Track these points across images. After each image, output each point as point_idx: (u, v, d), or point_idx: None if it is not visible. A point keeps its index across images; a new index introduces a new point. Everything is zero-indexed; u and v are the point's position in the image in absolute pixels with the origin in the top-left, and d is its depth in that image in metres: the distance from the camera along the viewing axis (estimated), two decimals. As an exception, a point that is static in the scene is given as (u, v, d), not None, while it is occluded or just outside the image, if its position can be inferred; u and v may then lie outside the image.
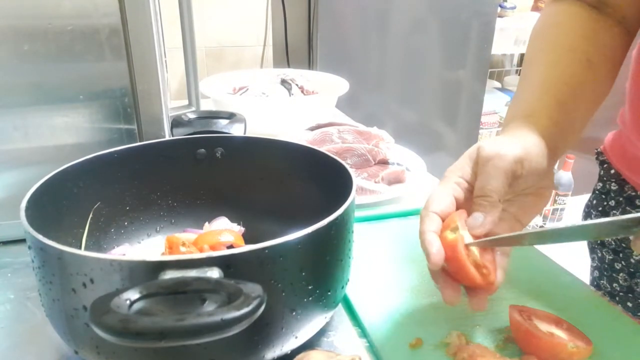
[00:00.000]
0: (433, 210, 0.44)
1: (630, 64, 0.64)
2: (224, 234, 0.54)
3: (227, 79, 1.17)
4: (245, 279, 0.31)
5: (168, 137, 0.62)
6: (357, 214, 0.56)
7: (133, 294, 0.30)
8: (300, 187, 0.57)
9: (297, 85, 1.15)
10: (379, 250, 0.60)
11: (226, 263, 0.33)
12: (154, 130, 0.62)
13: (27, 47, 0.54)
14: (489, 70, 2.11)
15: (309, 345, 0.42)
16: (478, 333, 0.46)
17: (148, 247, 0.57)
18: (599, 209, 0.74)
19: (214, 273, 0.32)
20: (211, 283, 0.31)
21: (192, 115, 0.63)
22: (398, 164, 0.82)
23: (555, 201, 2.48)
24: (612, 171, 0.72)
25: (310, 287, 0.39)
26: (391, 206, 0.71)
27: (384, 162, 0.82)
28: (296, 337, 0.40)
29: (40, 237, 0.35)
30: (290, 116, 1.01)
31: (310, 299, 0.40)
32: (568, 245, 0.45)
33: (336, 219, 0.40)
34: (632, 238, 0.38)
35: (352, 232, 0.45)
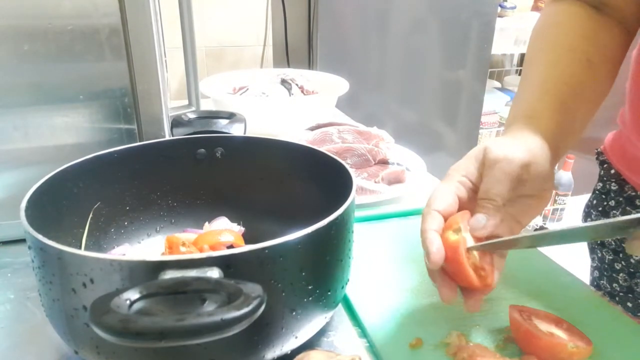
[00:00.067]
0: (435, 208, 0.44)
1: (630, 64, 0.64)
2: (224, 234, 0.54)
3: (227, 79, 1.17)
4: (245, 279, 0.31)
5: (168, 137, 0.62)
6: (357, 214, 0.56)
7: (133, 294, 0.30)
8: (300, 187, 0.57)
9: (297, 85, 1.15)
10: (379, 250, 0.60)
11: (226, 263, 0.33)
12: (154, 130, 0.62)
13: (27, 47, 0.54)
14: (489, 70, 2.11)
15: (309, 345, 0.42)
16: (478, 333, 0.46)
17: (148, 247, 0.57)
18: (599, 209, 0.74)
19: (214, 273, 0.32)
20: (211, 283, 0.31)
21: (192, 115, 0.63)
22: (398, 164, 0.82)
23: (555, 201, 2.48)
24: (612, 171, 0.72)
25: (310, 287, 0.39)
26: (391, 206, 0.71)
27: (384, 162, 0.82)
28: (296, 337, 0.40)
29: (40, 237, 0.35)
30: (290, 116, 1.01)
31: (310, 299, 0.40)
32: (568, 245, 0.45)
33: (336, 219, 0.40)
34: (628, 240, 0.38)
35: (352, 232, 0.45)
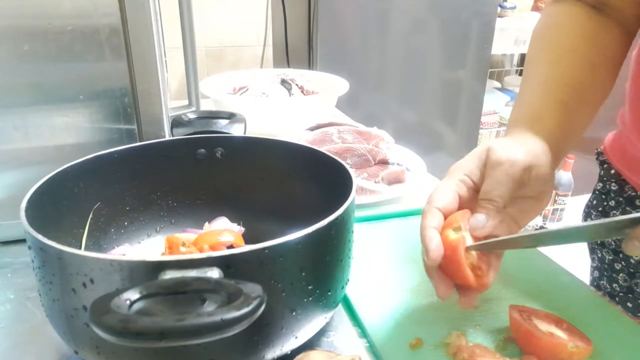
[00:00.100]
0: (436, 205, 0.44)
1: (630, 64, 0.64)
2: (224, 234, 0.54)
3: (227, 79, 1.17)
4: (245, 279, 0.31)
5: (168, 137, 0.62)
6: (357, 214, 0.56)
7: (133, 294, 0.30)
8: (300, 187, 0.57)
9: (297, 85, 1.14)
10: (379, 250, 0.60)
11: (226, 263, 0.33)
12: (154, 130, 0.62)
13: (27, 47, 0.54)
14: (489, 70, 2.11)
15: (309, 345, 0.42)
16: (478, 333, 0.46)
17: (148, 247, 0.57)
18: (599, 209, 0.74)
19: (214, 273, 0.32)
20: (211, 283, 0.31)
21: (192, 115, 0.63)
22: (398, 164, 0.82)
23: (555, 201, 2.48)
24: (612, 171, 0.72)
25: (310, 287, 0.39)
26: (391, 206, 0.71)
27: (384, 162, 0.82)
28: (296, 337, 0.40)
29: (40, 237, 0.35)
30: (290, 116, 1.01)
31: (310, 299, 0.40)
32: (568, 245, 0.46)
33: (336, 219, 0.40)
34: (624, 239, 0.38)
35: (352, 232, 0.45)
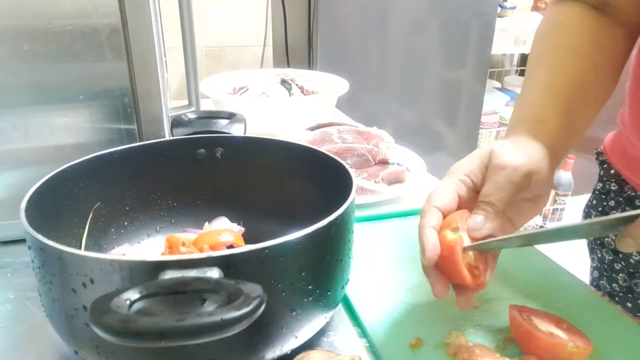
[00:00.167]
0: (435, 205, 0.44)
1: (630, 64, 0.64)
2: (224, 234, 0.54)
3: (227, 79, 1.17)
4: (245, 279, 0.31)
5: (168, 137, 0.62)
6: (357, 214, 0.56)
7: (133, 294, 0.30)
8: (300, 187, 0.57)
9: (297, 85, 1.14)
10: (379, 250, 0.60)
11: (226, 263, 0.33)
12: (154, 130, 0.62)
13: (27, 47, 0.54)
14: (489, 70, 2.11)
15: (309, 345, 0.42)
16: (478, 333, 0.46)
17: (148, 247, 0.57)
18: (599, 209, 0.74)
19: (214, 273, 0.32)
20: (211, 283, 0.31)
21: (192, 115, 0.63)
22: (398, 164, 0.82)
23: (555, 201, 2.48)
24: (612, 171, 0.72)
25: (310, 287, 0.39)
26: (391, 206, 0.71)
27: (384, 162, 0.82)
28: (296, 337, 0.40)
29: (40, 237, 0.35)
30: (290, 116, 1.01)
31: (310, 299, 0.40)
32: (568, 245, 0.46)
33: (336, 219, 0.40)
34: (617, 237, 0.39)
35: (352, 232, 0.45)
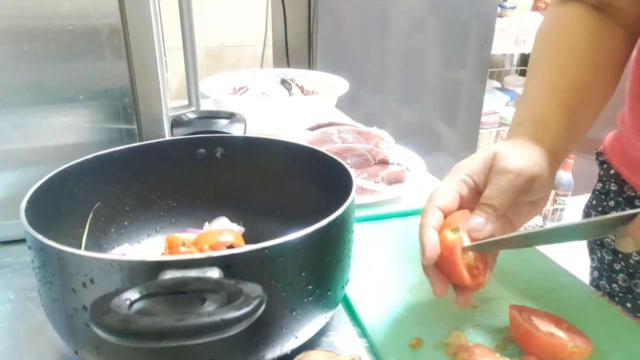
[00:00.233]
0: (436, 204, 0.44)
1: (630, 64, 0.64)
2: (224, 234, 0.54)
3: (227, 79, 1.17)
4: (245, 279, 0.31)
5: (168, 137, 0.62)
6: (357, 214, 0.56)
7: (133, 294, 0.30)
8: (300, 187, 0.57)
9: (297, 85, 1.14)
10: (379, 250, 0.60)
11: (226, 263, 0.33)
12: (154, 130, 0.62)
13: (27, 47, 0.54)
14: (489, 70, 2.11)
15: (309, 345, 0.42)
16: (478, 333, 0.46)
17: (148, 247, 0.57)
18: (599, 209, 0.74)
19: (214, 273, 0.32)
20: (211, 283, 0.31)
21: (192, 115, 0.63)
22: (398, 164, 0.82)
23: (555, 201, 2.48)
24: (612, 171, 0.72)
25: (310, 287, 0.39)
26: (391, 206, 0.71)
27: (384, 162, 0.82)
28: (296, 337, 0.40)
29: (40, 237, 0.35)
30: (290, 116, 1.01)
31: (310, 299, 0.40)
32: (568, 245, 0.46)
33: (336, 219, 0.40)
34: (617, 236, 0.39)
35: (352, 232, 0.45)
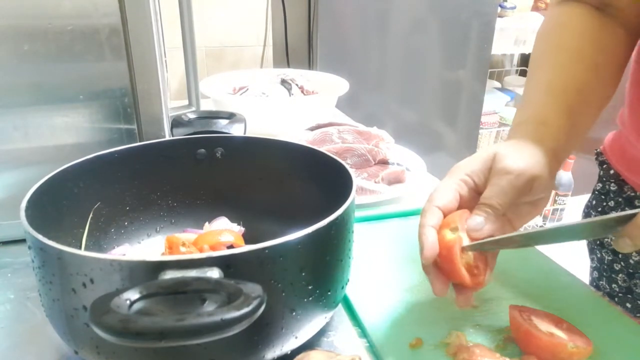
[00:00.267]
0: (436, 204, 0.44)
1: (630, 65, 0.64)
2: (224, 234, 0.54)
3: (227, 79, 1.17)
4: (245, 279, 0.31)
5: (168, 137, 0.62)
6: (357, 214, 0.56)
7: (133, 294, 0.30)
8: (300, 187, 0.57)
9: (297, 85, 1.14)
10: (379, 250, 0.60)
11: (226, 263, 0.33)
12: (154, 130, 0.62)
13: (27, 47, 0.54)
14: (489, 70, 2.11)
15: (309, 345, 0.42)
16: (478, 333, 0.46)
17: (148, 247, 0.57)
18: (599, 209, 0.74)
19: (214, 273, 0.32)
20: (211, 283, 0.31)
21: (192, 115, 0.63)
22: (398, 164, 0.82)
23: (555, 201, 2.48)
24: (612, 171, 0.72)
25: (310, 287, 0.39)
26: (391, 206, 0.71)
27: (384, 162, 0.82)
28: (296, 337, 0.40)
29: (40, 237, 0.35)
30: (290, 116, 1.01)
31: (310, 299, 0.40)
32: (568, 245, 0.46)
33: (336, 219, 0.40)
34: (615, 236, 0.39)
35: (352, 232, 0.45)
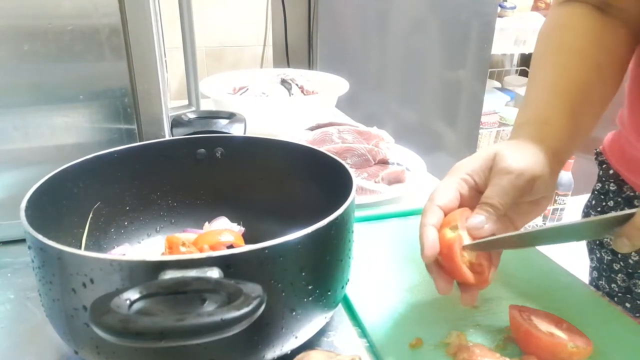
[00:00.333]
0: (437, 203, 0.44)
1: (630, 65, 0.64)
2: (224, 234, 0.54)
3: (227, 79, 1.17)
4: (245, 279, 0.31)
5: (168, 137, 0.62)
6: (357, 214, 0.56)
7: (133, 294, 0.30)
8: (300, 187, 0.57)
9: (297, 85, 1.14)
10: (379, 250, 0.60)
11: (226, 263, 0.33)
12: (154, 130, 0.62)
13: (27, 47, 0.54)
14: (489, 70, 2.11)
15: (309, 345, 0.42)
16: (478, 333, 0.46)
17: (148, 247, 0.57)
18: (598, 209, 0.74)
19: (214, 273, 0.32)
20: (211, 283, 0.31)
21: (192, 115, 0.63)
22: (398, 164, 0.82)
23: (555, 201, 2.48)
24: (611, 171, 0.72)
25: (310, 287, 0.39)
26: (391, 206, 0.71)
27: (384, 162, 0.82)
28: (296, 337, 0.40)
29: (40, 237, 0.35)
30: (290, 116, 1.01)
31: (310, 299, 0.40)
32: (568, 245, 0.46)
33: (336, 219, 0.40)
34: (613, 236, 0.39)
35: (352, 232, 0.45)
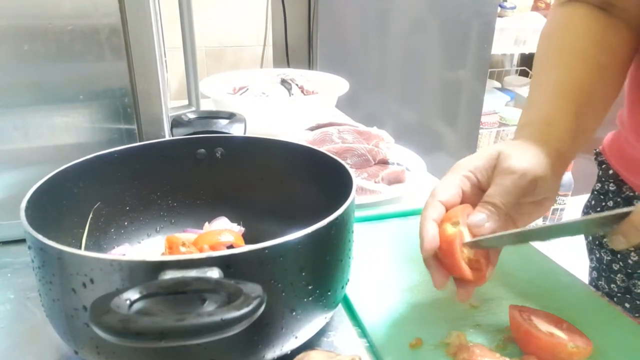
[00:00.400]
0: (439, 198, 0.44)
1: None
2: (224, 234, 0.54)
3: (227, 79, 1.17)
4: (245, 279, 0.31)
5: (168, 137, 0.62)
6: (357, 214, 0.56)
7: (133, 294, 0.30)
8: (300, 187, 0.57)
9: (297, 85, 1.14)
10: (379, 250, 0.60)
11: (226, 263, 0.33)
12: (154, 130, 0.62)
13: (27, 47, 0.54)
14: (489, 70, 2.11)
15: (309, 345, 0.42)
16: (478, 333, 0.46)
17: (148, 247, 0.57)
18: (598, 209, 0.74)
19: (214, 273, 0.32)
20: (211, 283, 0.31)
21: (192, 115, 0.63)
22: (398, 164, 0.82)
23: (555, 201, 2.48)
24: (611, 172, 0.72)
25: (310, 287, 0.39)
26: (391, 206, 0.71)
27: (384, 162, 0.82)
28: (296, 337, 0.40)
29: (40, 237, 0.35)
30: (290, 116, 1.01)
31: (310, 299, 0.40)
32: (568, 245, 0.46)
33: (336, 219, 0.40)
34: (610, 234, 0.39)
35: (352, 232, 0.45)
